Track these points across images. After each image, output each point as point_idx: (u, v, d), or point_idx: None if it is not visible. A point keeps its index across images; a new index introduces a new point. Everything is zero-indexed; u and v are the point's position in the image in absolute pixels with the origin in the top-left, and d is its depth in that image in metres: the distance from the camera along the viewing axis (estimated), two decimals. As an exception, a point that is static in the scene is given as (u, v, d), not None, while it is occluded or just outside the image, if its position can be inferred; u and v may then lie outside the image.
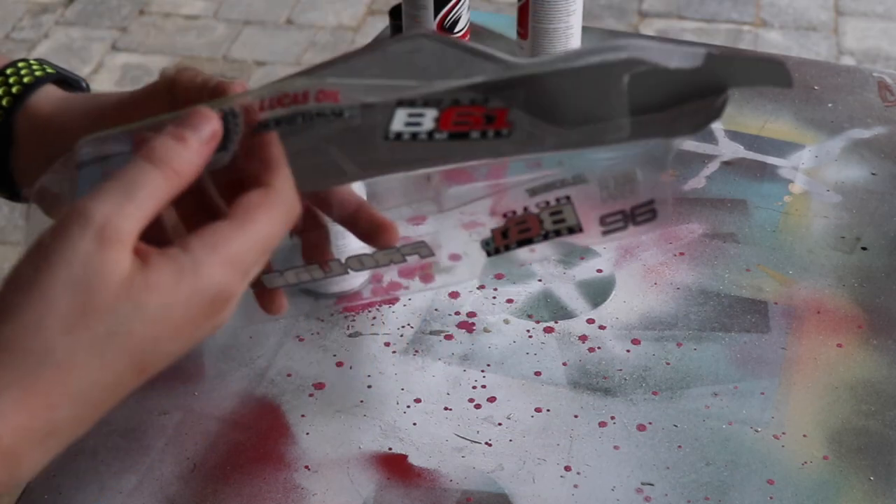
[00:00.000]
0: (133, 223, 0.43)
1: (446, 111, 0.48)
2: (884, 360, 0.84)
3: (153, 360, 0.44)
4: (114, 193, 0.43)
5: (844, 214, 0.98)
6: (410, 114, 0.48)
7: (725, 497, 0.74)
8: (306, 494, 0.75)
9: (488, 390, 0.82)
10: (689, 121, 0.49)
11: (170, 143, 0.45)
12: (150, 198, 0.43)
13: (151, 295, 0.42)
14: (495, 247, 0.54)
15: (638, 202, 0.52)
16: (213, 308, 0.44)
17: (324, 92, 0.49)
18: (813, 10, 2.83)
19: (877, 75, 1.17)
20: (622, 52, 0.47)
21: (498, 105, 0.48)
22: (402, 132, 0.48)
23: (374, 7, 2.92)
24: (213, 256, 0.44)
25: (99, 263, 0.41)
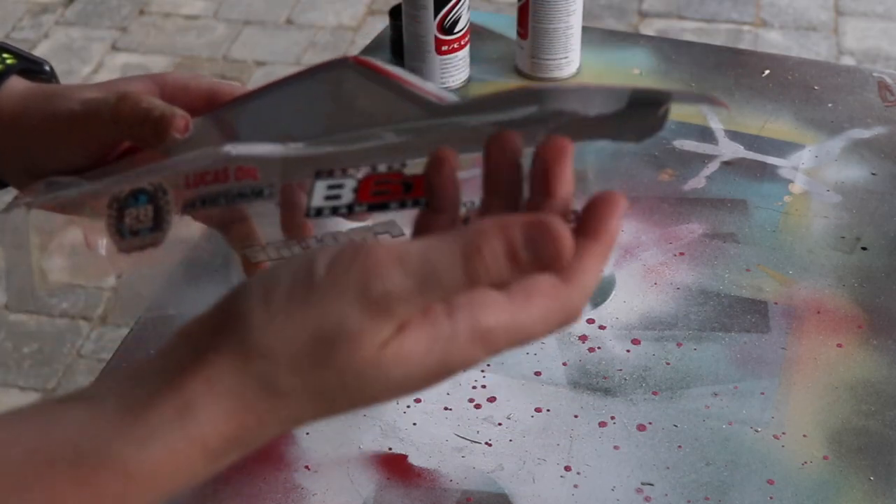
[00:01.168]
0: (412, 310, 0.40)
1: (364, 181, 0.47)
2: (884, 360, 0.84)
3: (367, 406, 0.42)
4: (413, 270, 0.39)
5: (844, 214, 0.98)
6: (329, 185, 0.47)
7: (725, 497, 0.74)
8: (306, 494, 0.75)
9: (488, 390, 0.82)
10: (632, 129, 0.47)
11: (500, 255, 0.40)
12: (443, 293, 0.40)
13: (399, 367, 0.40)
14: None
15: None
16: (448, 377, 0.42)
17: (242, 169, 0.49)
18: (813, 10, 2.83)
19: (877, 75, 1.17)
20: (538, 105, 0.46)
21: (414, 171, 0.46)
22: (322, 207, 0.47)
23: (374, 7, 2.92)
24: (472, 331, 0.40)
25: (358, 331, 0.39)
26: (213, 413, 0.39)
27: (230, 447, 0.40)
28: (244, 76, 2.66)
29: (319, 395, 0.40)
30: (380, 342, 0.39)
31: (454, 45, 1.13)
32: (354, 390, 0.40)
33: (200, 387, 0.39)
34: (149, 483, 0.40)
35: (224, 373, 0.39)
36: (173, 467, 0.40)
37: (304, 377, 0.40)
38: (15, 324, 2.03)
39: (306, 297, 0.39)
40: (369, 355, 0.39)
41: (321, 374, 0.40)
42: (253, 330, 0.39)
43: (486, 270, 0.39)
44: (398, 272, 0.39)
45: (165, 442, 0.39)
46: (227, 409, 0.39)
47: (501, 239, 0.40)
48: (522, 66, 1.17)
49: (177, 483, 0.40)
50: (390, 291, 0.39)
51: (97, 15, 2.92)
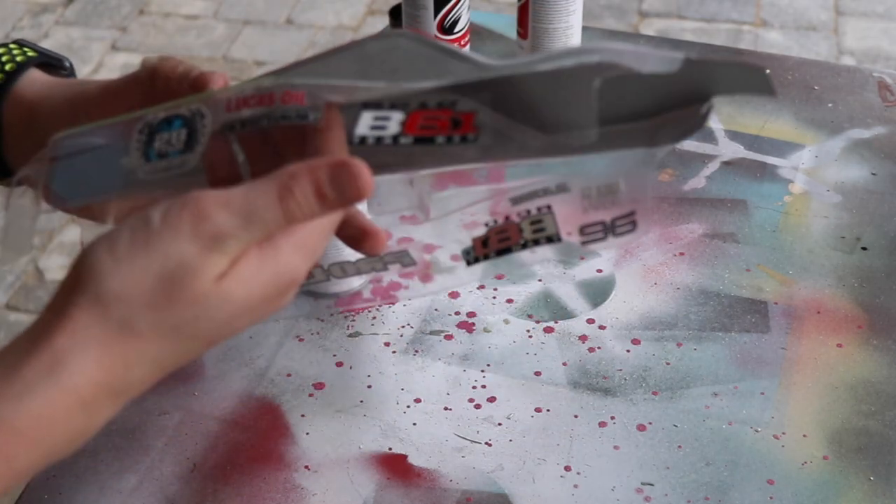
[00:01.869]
0: (242, 245, 0.45)
1: (413, 114, 0.47)
2: (884, 360, 0.84)
3: (223, 336, 0.47)
4: (236, 212, 0.44)
5: (844, 214, 0.98)
6: (376, 117, 0.48)
7: (725, 497, 0.74)
8: (306, 494, 0.75)
9: (488, 390, 0.82)
10: (673, 130, 0.49)
11: (309, 195, 0.45)
12: (265, 229, 0.45)
13: (239, 287, 0.45)
14: (475, 256, 0.53)
15: (619, 213, 0.51)
16: (285, 289, 0.47)
17: (290, 93, 0.49)
18: (813, 10, 2.83)
19: (877, 75, 1.17)
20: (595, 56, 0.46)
21: (465, 108, 0.47)
22: (366, 136, 0.48)
23: (374, 7, 2.92)
24: (289, 241, 0.46)
25: (197, 265, 0.44)
26: (81, 362, 0.43)
27: (103, 394, 0.44)
28: (244, 76, 2.66)
29: (175, 329, 0.45)
30: (217, 273, 0.44)
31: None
32: (205, 319, 0.45)
33: (66, 340, 0.43)
34: (30, 435, 0.43)
35: (85, 323, 0.43)
36: (52, 418, 0.43)
37: (158, 313, 0.44)
38: (15, 324, 2.03)
39: (146, 242, 0.44)
40: (211, 285, 0.44)
41: (172, 308, 0.44)
42: (104, 278, 0.43)
43: (298, 207, 0.45)
44: (224, 213, 0.44)
45: (42, 394, 0.42)
46: (93, 356, 0.43)
47: (309, 179, 0.45)
48: (522, 66, 1.17)
49: (57, 435, 0.43)
50: (219, 230, 0.44)
51: (97, 15, 2.92)
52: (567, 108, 0.49)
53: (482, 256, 0.53)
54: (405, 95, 0.48)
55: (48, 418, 0.43)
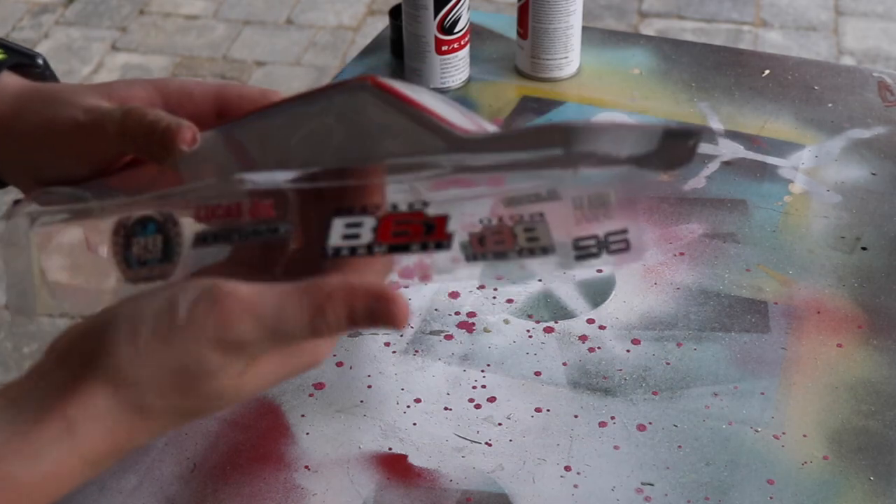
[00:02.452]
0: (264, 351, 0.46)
1: (384, 219, 0.46)
2: (884, 360, 0.84)
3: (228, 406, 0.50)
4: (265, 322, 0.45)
5: (844, 214, 0.98)
6: (348, 224, 0.46)
7: (725, 497, 0.74)
8: (306, 494, 0.75)
9: (488, 390, 0.82)
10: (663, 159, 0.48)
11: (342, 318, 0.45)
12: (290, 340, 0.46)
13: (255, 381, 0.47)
14: (472, 252, 0.53)
15: (612, 228, 0.50)
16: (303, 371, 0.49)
17: (257, 205, 0.49)
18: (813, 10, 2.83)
19: (877, 75, 1.17)
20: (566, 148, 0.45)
21: (437, 213, 0.46)
22: (340, 247, 0.46)
23: (374, 7, 2.92)
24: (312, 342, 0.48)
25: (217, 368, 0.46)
26: (91, 432, 0.45)
27: (107, 457, 0.47)
28: (244, 76, 2.66)
29: (183, 413, 0.47)
30: (235, 374, 0.46)
31: (454, 45, 1.13)
32: (216, 407, 0.48)
33: (79, 411, 0.45)
34: (39, 492, 0.46)
35: (99, 398, 0.45)
36: (60, 477, 0.46)
37: (170, 401, 0.46)
38: (15, 324, 2.03)
39: (169, 337, 0.45)
40: (227, 384, 0.46)
41: (186, 399, 0.46)
42: (122, 362, 0.45)
43: (328, 329, 0.45)
44: (251, 323, 0.45)
45: (53, 458, 0.45)
46: (102, 428, 0.46)
47: (345, 306, 0.45)
48: (522, 66, 1.17)
49: (63, 489, 0.46)
50: (244, 339, 0.45)
51: (97, 15, 2.92)
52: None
53: (480, 255, 0.52)
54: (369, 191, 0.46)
55: (57, 477, 0.46)
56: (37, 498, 0.46)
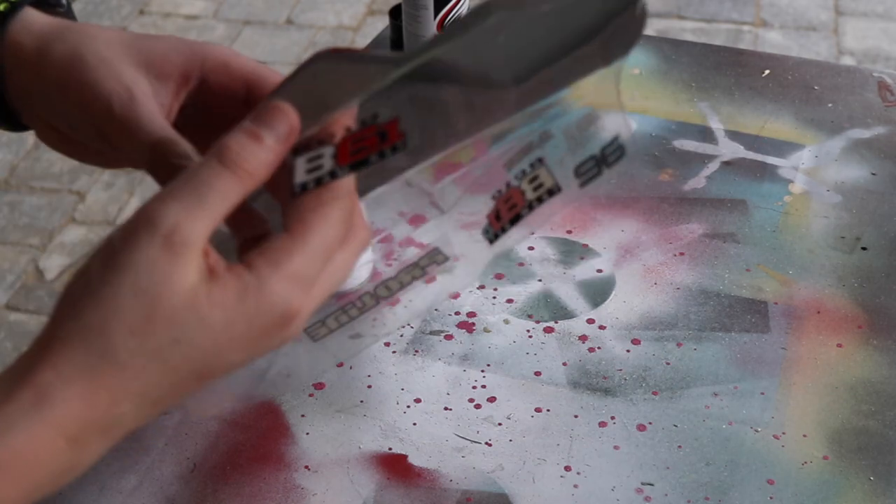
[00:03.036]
0: (202, 229, 0.43)
1: (342, 143, 0.46)
2: (884, 360, 0.84)
3: (214, 369, 0.45)
4: (184, 197, 0.43)
5: (844, 214, 0.98)
6: (309, 159, 0.46)
7: (725, 497, 0.74)
8: (306, 494, 0.75)
9: (488, 390, 0.82)
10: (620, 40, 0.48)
11: (244, 141, 0.44)
12: (221, 202, 0.43)
13: (215, 310, 0.43)
14: (494, 232, 0.53)
15: (605, 142, 0.51)
16: (280, 324, 0.45)
17: None
18: (813, 10, 2.83)
19: (877, 75, 1.17)
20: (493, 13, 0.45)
21: (386, 118, 0.46)
22: (306, 182, 0.46)
23: (374, 7, 2.92)
24: (276, 274, 0.44)
25: (166, 272, 0.42)
26: (65, 396, 0.41)
27: (90, 430, 0.42)
28: (244, 76, 2.66)
29: (156, 354, 0.42)
30: (189, 285, 0.42)
31: (454, 45, 1.13)
32: (186, 344, 0.43)
33: (50, 374, 0.42)
34: (16, 472, 0.41)
35: (68, 357, 0.42)
36: (36, 454, 0.41)
37: (137, 337, 0.42)
38: (15, 323, 2.03)
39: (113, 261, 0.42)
40: (184, 299, 0.42)
41: (149, 328, 0.42)
42: (82, 309, 0.42)
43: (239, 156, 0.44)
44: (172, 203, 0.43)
45: (25, 430, 0.41)
46: (77, 391, 0.42)
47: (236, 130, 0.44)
48: (522, 66, 1.17)
49: (44, 471, 0.42)
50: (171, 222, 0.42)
51: (97, 15, 2.92)
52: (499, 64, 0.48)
53: (500, 231, 0.52)
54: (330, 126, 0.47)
55: (32, 454, 0.42)
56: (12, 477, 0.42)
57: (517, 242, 0.81)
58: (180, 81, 0.56)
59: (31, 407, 0.41)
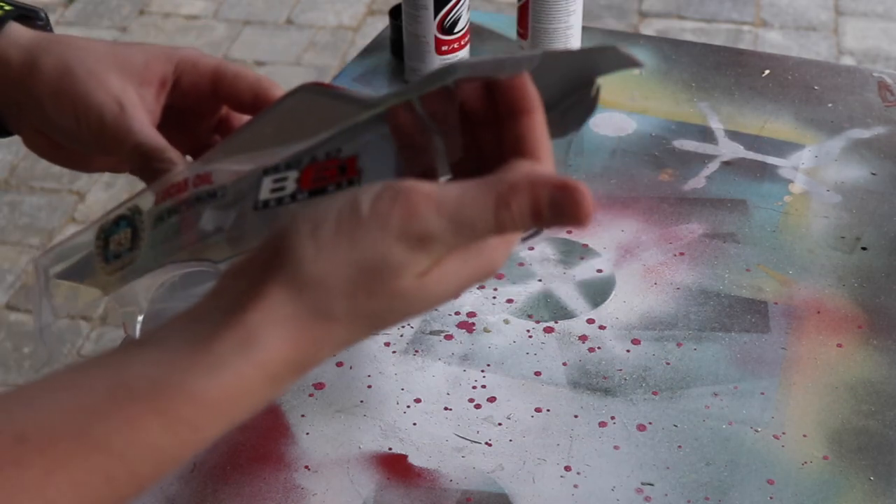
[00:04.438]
0: (448, 249, 0.44)
1: (306, 170, 0.50)
2: (884, 360, 0.84)
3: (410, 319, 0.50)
4: (449, 216, 0.43)
5: (844, 214, 0.98)
6: (275, 179, 0.51)
7: (725, 497, 0.74)
8: (306, 494, 0.75)
9: (488, 390, 0.82)
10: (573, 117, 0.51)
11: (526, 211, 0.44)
12: (474, 236, 0.44)
13: (440, 284, 0.45)
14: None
15: None
16: (483, 278, 0.47)
17: (199, 176, 0.54)
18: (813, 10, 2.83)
19: (877, 75, 1.17)
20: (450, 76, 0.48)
21: (348, 153, 0.50)
22: (268, 200, 0.51)
23: (374, 7, 2.92)
24: (495, 239, 0.46)
25: (402, 263, 0.44)
26: (273, 339, 0.43)
27: (289, 370, 0.44)
28: (244, 76, 2.66)
29: (368, 317, 0.45)
30: (419, 272, 0.44)
31: (454, 45, 1.13)
32: (400, 310, 0.45)
33: (260, 317, 0.43)
34: (219, 407, 0.43)
35: (280, 303, 0.43)
36: (240, 391, 0.43)
37: (354, 302, 0.44)
38: (15, 324, 2.03)
39: (352, 232, 0.43)
40: (411, 283, 0.44)
41: (369, 300, 0.44)
42: (304, 262, 0.43)
43: (511, 222, 0.43)
44: (435, 216, 0.43)
45: (233, 368, 0.43)
46: (285, 335, 0.43)
47: (529, 197, 0.43)
48: (522, 66, 1.17)
49: (244, 407, 0.44)
50: (429, 232, 0.43)
51: (97, 15, 2.92)
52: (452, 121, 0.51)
53: None
54: (299, 154, 0.51)
55: (237, 391, 0.43)
56: (219, 412, 0.44)
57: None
58: (160, 86, 0.61)
59: (240, 347, 0.43)
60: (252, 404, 0.44)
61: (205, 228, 0.53)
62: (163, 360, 0.43)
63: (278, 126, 0.53)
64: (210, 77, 0.62)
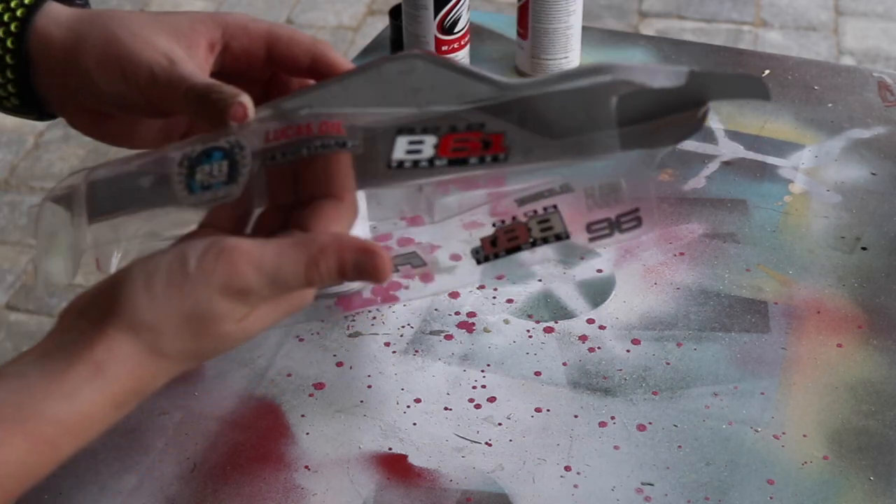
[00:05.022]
0: (265, 300, 0.51)
1: (444, 138, 0.50)
2: (884, 360, 0.84)
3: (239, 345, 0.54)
4: (266, 273, 0.50)
5: (844, 214, 0.98)
6: (410, 141, 0.50)
7: (725, 497, 0.74)
8: (306, 494, 0.75)
9: (488, 390, 0.82)
10: (672, 132, 0.51)
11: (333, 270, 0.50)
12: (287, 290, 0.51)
13: (257, 323, 0.52)
14: (485, 255, 0.56)
15: (623, 210, 0.54)
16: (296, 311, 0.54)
17: (326, 123, 0.51)
18: (813, 10, 2.83)
19: (877, 75, 1.17)
20: (608, 75, 0.49)
21: (493, 130, 0.50)
22: (403, 160, 0.51)
23: (374, 7, 2.92)
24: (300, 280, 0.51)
25: (224, 313, 0.50)
26: (118, 373, 0.50)
27: (132, 398, 0.51)
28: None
29: (195, 354, 0.52)
30: (239, 318, 0.51)
31: (454, 45, 1.13)
32: (223, 348, 0.52)
33: (106, 354, 0.50)
34: (76, 430, 0.50)
35: (121, 342, 0.50)
36: (93, 416, 0.50)
37: (183, 344, 0.51)
38: (15, 324, 2.03)
39: (181, 286, 0.50)
40: (232, 328, 0.51)
41: (196, 341, 0.51)
42: (140, 310, 0.50)
43: (320, 278, 0.50)
44: (255, 274, 0.49)
45: (86, 397, 0.50)
46: (127, 370, 0.50)
47: (337, 258, 0.50)
48: (522, 66, 1.17)
49: (95, 429, 0.51)
50: (248, 287, 0.50)
51: (97, 15, 2.92)
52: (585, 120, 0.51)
53: (492, 255, 0.55)
54: (434, 120, 0.50)
55: (90, 416, 0.50)
56: (76, 436, 0.50)
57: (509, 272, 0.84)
58: (208, 49, 0.60)
59: (90, 378, 0.49)
60: (102, 426, 0.51)
61: None
62: (24, 388, 0.49)
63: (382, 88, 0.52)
64: (263, 41, 0.60)
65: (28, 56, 0.61)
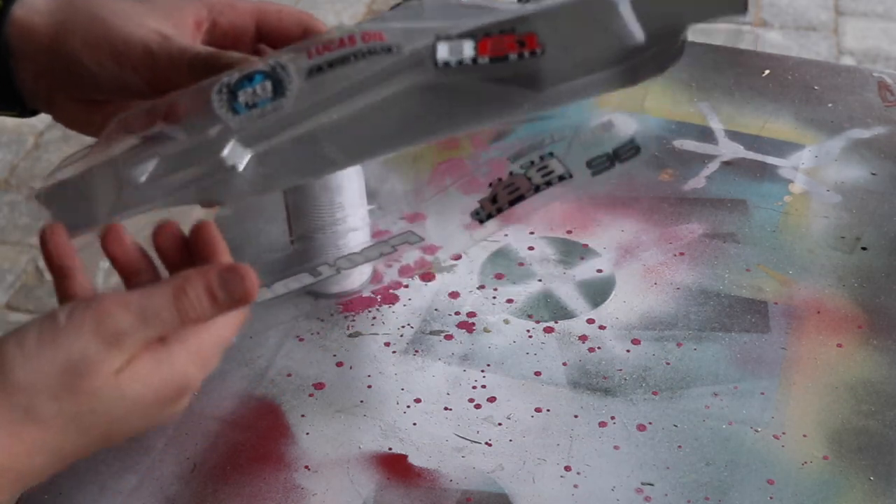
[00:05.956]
0: (139, 343, 0.49)
1: (482, 41, 0.51)
2: (884, 360, 0.84)
3: (120, 434, 0.51)
4: (134, 310, 0.49)
5: (844, 214, 0.98)
6: (451, 47, 0.51)
7: (725, 497, 0.74)
8: (306, 494, 0.75)
9: (488, 390, 0.82)
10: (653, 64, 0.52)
11: (202, 297, 0.49)
12: (161, 327, 0.49)
13: (134, 383, 0.49)
14: (486, 213, 0.55)
15: (620, 142, 0.54)
16: (178, 394, 0.51)
17: (368, 33, 0.52)
18: (813, 10, 2.83)
19: (877, 75, 1.17)
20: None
21: (525, 31, 0.51)
22: (448, 60, 0.51)
23: (374, 7, 2.92)
24: (183, 348, 0.50)
25: (97, 359, 0.48)
26: None
27: (6, 478, 0.48)
28: (244, 76, 2.66)
29: (74, 419, 0.48)
30: (115, 369, 0.48)
31: (454, 45, 1.13)
32: (102, 413, 0.49)
33: None
34: None
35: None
36: None
37: (59, 402, 0.48)
38: (15, 324, 2.03)
39: (53, 338, 0.48)
40: (107, 380, 0.48)
41: (72, 398, 0.48)
42: (11, 369, 0.47)
43: (192, 308, 0.49)
44: (123, 312, 0.48)
45: None
46: (0, 443, 0.47)
47: (202, 281, 0.49)
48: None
49: None
50: (118, 327, 0.48)
51: (97, 15, 2.92)
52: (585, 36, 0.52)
53: (495, 211, 0.55)
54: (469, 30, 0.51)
55: None
56: None
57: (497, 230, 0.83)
58: (195, 28, 0.60)
59: None
60: None
61: None
62: None
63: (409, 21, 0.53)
64: (251, 16, 0.61)
65: (8, 49, 0.59)
